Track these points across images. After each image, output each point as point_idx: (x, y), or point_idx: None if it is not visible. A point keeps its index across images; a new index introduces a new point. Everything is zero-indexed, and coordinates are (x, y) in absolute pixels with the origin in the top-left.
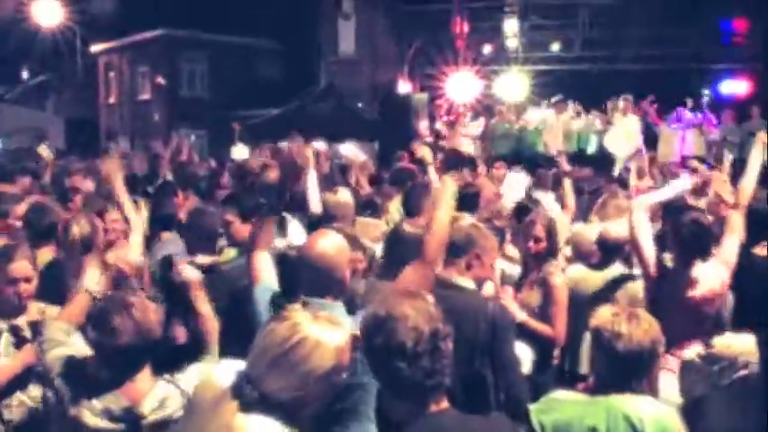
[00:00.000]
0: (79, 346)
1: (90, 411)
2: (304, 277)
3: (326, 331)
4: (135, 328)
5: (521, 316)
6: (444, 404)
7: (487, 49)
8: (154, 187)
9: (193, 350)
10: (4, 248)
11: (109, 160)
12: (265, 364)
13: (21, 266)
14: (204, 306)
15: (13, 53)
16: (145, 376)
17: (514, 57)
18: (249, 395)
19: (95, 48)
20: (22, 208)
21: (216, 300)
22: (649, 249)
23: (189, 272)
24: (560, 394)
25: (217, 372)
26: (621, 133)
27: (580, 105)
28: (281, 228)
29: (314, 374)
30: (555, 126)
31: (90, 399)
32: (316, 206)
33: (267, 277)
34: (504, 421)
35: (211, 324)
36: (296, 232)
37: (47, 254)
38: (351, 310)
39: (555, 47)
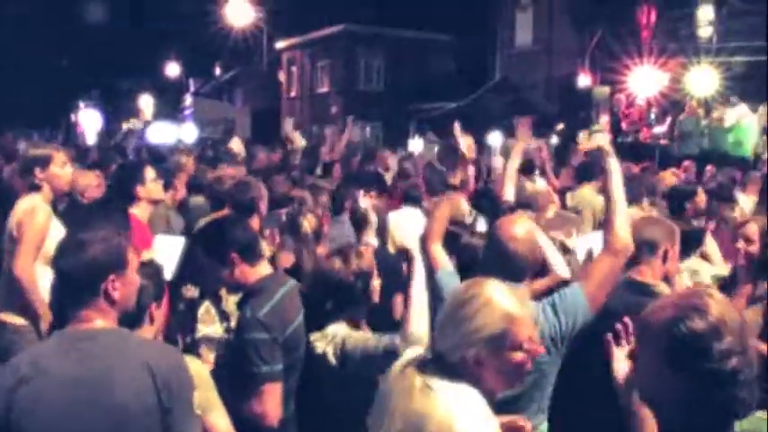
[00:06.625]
0: None
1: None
2: (491, 262)
3: (503, 295)
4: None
5: None
6: None
7: (676, 39)
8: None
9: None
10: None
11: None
12: (440, 322)
13: None
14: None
15: (207, 51)
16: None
17: (707, 47)
18: (425, 354)
19: (279, 44)
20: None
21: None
22: None
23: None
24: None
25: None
26: None
27: None
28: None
29: (479, 335)
30: (755, 125)
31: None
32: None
33: (444, 262)
34: None
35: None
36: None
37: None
38: None
39: (757, 36)
